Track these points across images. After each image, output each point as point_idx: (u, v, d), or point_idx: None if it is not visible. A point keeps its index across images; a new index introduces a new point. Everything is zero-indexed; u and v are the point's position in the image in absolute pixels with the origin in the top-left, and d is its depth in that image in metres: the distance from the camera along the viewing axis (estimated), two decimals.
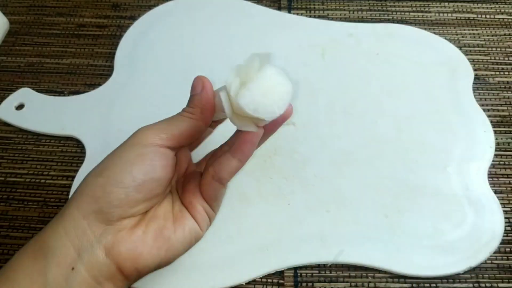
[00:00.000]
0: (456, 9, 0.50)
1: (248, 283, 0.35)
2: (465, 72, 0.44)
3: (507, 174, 0.39)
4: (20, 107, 0.43)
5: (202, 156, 0.33)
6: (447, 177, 0.38)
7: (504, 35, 0.48)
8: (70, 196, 0.28)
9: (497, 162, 0.40)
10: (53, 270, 0.24)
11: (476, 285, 0.34)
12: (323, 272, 0.35)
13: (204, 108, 0.28)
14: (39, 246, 0.25)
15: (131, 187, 0.26)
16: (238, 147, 0.27)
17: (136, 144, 0.27)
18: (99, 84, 0.45)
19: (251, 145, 0.27)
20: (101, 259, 0.25)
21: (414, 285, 0.35)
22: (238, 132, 0.28)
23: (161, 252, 0.27)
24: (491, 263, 0.35)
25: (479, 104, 0.42)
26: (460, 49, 0.46)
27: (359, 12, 0.50)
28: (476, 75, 0.44)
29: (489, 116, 0.42)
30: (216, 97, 0.28)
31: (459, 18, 0.49)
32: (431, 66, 0.45)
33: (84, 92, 0.44)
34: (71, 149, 0.41)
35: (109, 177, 0.26)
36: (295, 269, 0.35)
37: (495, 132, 0.41)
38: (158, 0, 0.50)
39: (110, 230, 0.26)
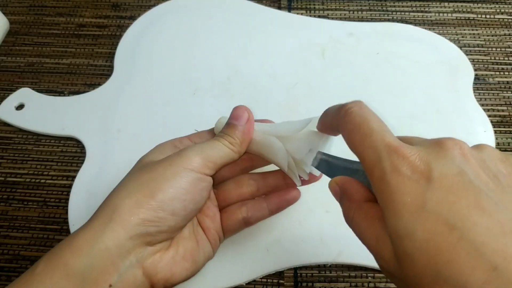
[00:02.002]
0: (456, 9, 0.50)
1: (248, 283, 0.35)
2: (466, 71, 0.44)
3: None
4: (20, 107, 0.43)
5: None
6: None
7: (504, 35, 0.48)
8: (93, 210, 0.26)
9: None
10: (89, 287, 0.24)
11: None
12: (323, 272, 0.35)
13: (244, 141, 0.29)
14: (72, 263, 0.23)
15: (181, 216, 0.26)
16: (276, 204, 0.31)
17: (186, 168, 0.26)
18: (99, 84, 0.45)
19: (288, 205, 0.32)
20: (139, 277, 0.25)
21: None
22: (279, 192, 0.32)
23: (188, 273, 0.28)
24: None
25: (479, 104, 0.42)
26: (460, 49, 0.46)
27: (359, 12, 0.50)
28: (476, 75, 0.44)
29: (489, 116, 0.42)
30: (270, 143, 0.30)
31: (459, 18, 0.49)
32: (431, 65, 0.45)
33: (84, 92, 0.44)
34: (71, 149, 0.41)
35: (163, 202, 0.25)
36: (295, 269, 0.35)
37: (495, 132, 0.41)
38: (158, 0, 0.50)
39: (150, 250, 0.26)
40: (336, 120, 0.24)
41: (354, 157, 0.23)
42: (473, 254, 0.17)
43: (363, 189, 0.23)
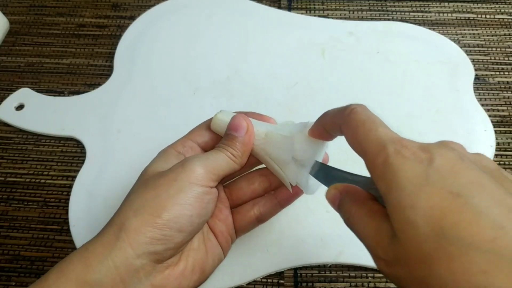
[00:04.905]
0: (456, 9, 0.50)
1: (248, 283, 0.35)
2: (466, 70, 0.44)
3: None
4: (20, 107, 0.43)
5: None
6: None
7: (504, 35, 0.48)
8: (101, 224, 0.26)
9: (497, 162, 0.40)
10: None
11: None
12: (323, 272, 0.35)
13: (245, 152, 0.29)
14: (83, 277, 0.24)
15: (187, 231, 0.26)
16: (286, 198, 0.31)
17: (191, 183, 0.26)
18: (99, 84, 0.45)
19: (297, 197, 0.32)
20: None
21: None
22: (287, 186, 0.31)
23: (196, 284, 0.28)
24: None
25: (479, 104, 0.42)
26: (460, 49, 0.46)
27: (359, 12, 0.50)
28: (476, 75, 0.44)
29: (489, 116, 0.41)
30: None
31: (459, 18, 0.49)
32: (431, 64, 0.45)
33: (84, 92, 0.44)
34: (71, 149, 0.41)
35: (169, 220, 0.25)
36: (295, 269, 0.35)
37: (495, 132, 0.41)
38: (158, 0, 0.50)
39: (158, 268, 0.26)
40: (340, 118, 0.24)
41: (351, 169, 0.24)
42: (478, 216, 0.17)
43: (366, 192, 0.24)
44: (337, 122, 0.25)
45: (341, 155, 0.31)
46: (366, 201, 0.23)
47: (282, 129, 0.30)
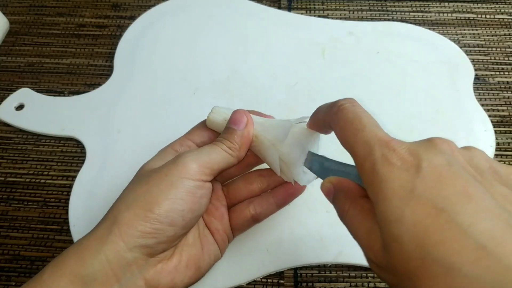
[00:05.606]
0: (456, 9, 0.50)
1: (248, 283, 0.35)
2: (466, 70, 0.44)
3: None
4: (20, 107, 0.43)
5: None
6: None
7: (504, 35, 0.48)
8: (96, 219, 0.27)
9: None
10: None
11: None
12: (323, 272, 0.35)
13: (243, 145, 0.29)
14: (77, 272, 0.24)
15: (179, 226, 0.26)
16: (283, 199, 0.31)
17: (183, 177, 0.26)
18: (99, 84, 0.45)
19: (294, 198, 0.32)
20: None
21: None
22: (285, 185, 0.32)
23: (192, 280, 0.28)
24: None
25: (479, 104, 0.42)
26: (460, 49, 0.46)
27: (359, 12, 0.50)
28: (476, 75, 0.44)
29: (489, 116, 0.41)
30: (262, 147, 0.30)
31: (459, 18, 0.49)
32: (431, 65, 0.45)
33: (84, 92, 0.44)
34: (71, 149, 0.41)
35: (160, 215, 0.25)
36: (295, 269, 0.35)
37: (495, 132, 0.41)
38: (158, 0, 0.50)
39: (151, 262, 0.26)
40: (329, 116, 0.24)
41: (344, 160, 0.24)
42: (461, 235, 0.17)
43: (358, 187, 0.24)
44: (326, 120, 0.24)
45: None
46: (358, 199, 0.23)
47: (271, 129, 0.29)
